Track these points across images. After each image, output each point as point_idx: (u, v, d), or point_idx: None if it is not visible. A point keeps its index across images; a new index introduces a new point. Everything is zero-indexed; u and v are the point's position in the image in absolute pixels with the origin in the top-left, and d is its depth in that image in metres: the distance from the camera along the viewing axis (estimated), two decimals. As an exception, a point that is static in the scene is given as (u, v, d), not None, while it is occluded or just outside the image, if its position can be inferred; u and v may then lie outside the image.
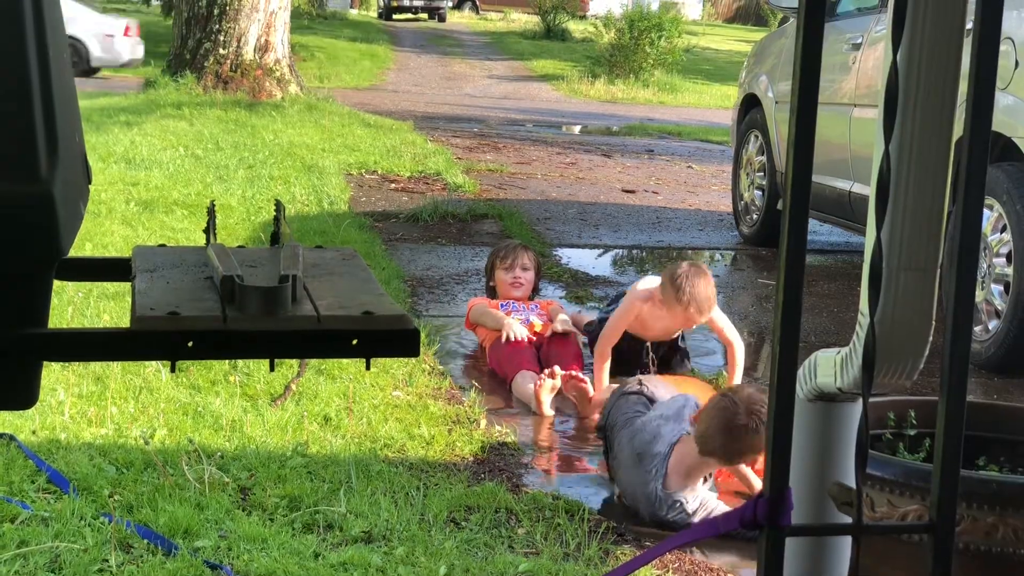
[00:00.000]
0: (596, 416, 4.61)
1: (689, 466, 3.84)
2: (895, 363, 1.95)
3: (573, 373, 4.95)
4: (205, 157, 10.51)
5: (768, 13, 48.17)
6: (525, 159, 12.90)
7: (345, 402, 4.60)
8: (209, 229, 1.90)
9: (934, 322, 1.95)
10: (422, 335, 5.51)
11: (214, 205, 1.98)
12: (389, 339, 1.56)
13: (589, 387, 4.92)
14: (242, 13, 15.39)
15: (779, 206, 8.25)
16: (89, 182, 1.79)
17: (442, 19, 47.08)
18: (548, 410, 4.89)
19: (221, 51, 15.44)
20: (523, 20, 44.01)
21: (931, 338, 1.95)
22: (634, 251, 8.51)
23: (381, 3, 49.51)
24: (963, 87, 1.87)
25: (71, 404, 4.27)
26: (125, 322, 4.36)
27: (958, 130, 1.90)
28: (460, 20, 48.94)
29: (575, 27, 38.63)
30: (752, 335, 6.29)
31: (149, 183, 8.97)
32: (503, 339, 5.34)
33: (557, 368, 4.94)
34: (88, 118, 11.45)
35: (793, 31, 8.32)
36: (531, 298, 5.84)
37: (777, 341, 1.81)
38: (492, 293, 5.86)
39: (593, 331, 5.46)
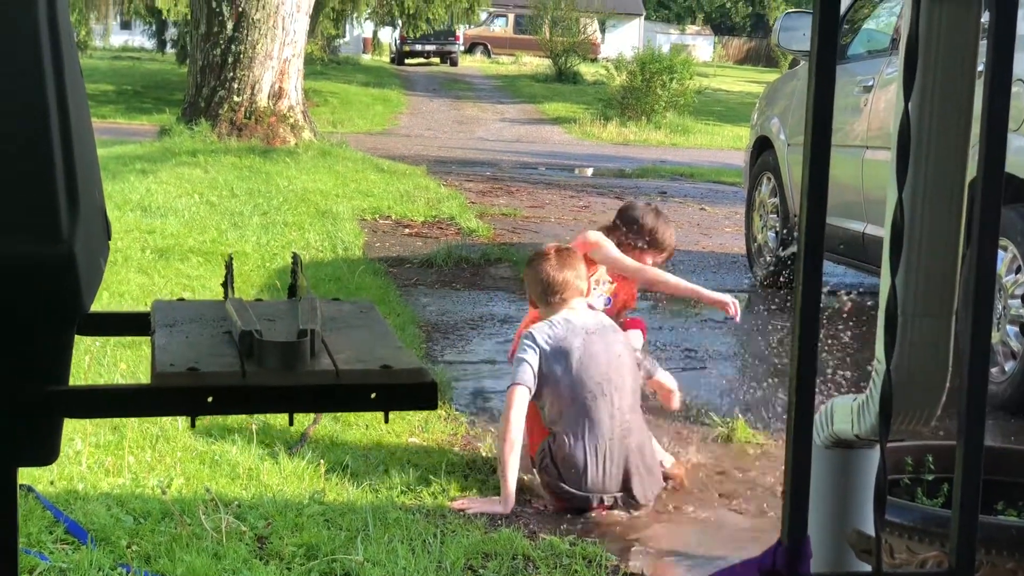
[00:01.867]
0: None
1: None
2: (912, 410, 1.96)
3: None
4: (220, 204, 10.56)
5: (779, 55, 48.31)
6: (538, 202, 12.93)
7: (361, 449, 4.61)
8: (227, 283, 1.91)
9: (951, 368, 1.96)
10: (439, 379, 5.52)
11: (231, 259, 1.99)
12: (407, 392, 1.57)
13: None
14: (256, 61, 15.50)
15: (793, 248, 8.26)
16: (109, 238, 1.80)
17: (454, 63, 47.31)
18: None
19: (235, 98, 15.54)
20: (535, 63, 44.19)
21: (948, 384, 1.95)
22: (647, 294, 8.51)
23: (393, 48, 49.78)
24: (975, 129, 1.89)
25: (88, 454, 4.28)
26: (142, 370, 4.39)
27: (971, 172, 1.91)
28: (472, 64, 49.15)
29: (586, 70, 38.79)
30: (769, 377, 6.28)
31: (165, 231, 9.01)
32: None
33: None
34: (104, 166, 11.51)
35: (804, 74, 8.34)
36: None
37: (793, 390, 1.81)
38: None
39: None
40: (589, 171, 17.90)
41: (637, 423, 4.42)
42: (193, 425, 1.60)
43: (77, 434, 4.43)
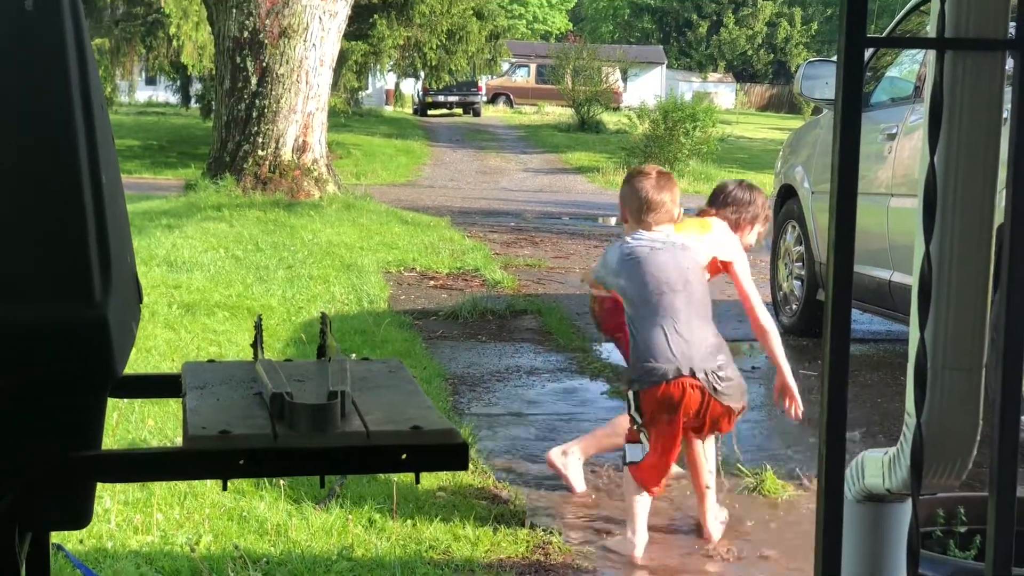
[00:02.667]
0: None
1: None
2: (943, 463, 1.95)
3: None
4: (245, 258, 10.60)
5: (801, 101, 48.41)
6: (563, 253, 12.94)
7: (389, 503, 4.60)
8: (256, 343, 1.93)
9: (981, 422, 1.95)
10: (465, 433, 5.52)
11: (260, 320, 2.00)
12: (438, 453, 1.58)
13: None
14: (280, 115, 15.61)
15: (819, 296, 8.24)
16: (140, 301, 1.82)
17: (477, 113, 47.54)
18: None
19: (260, 152, 15.64)
20: (557, 113, 44.37)
21: (979, 438, 1.94)
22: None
23: (416, 99, 50.06)
24: (1001, 174, 1.89)
25: (117, 511, 4.28)
26: (170, 427, 4.40)
27: (998, 218, 1.90)
28: (495, 114, 49.38)
29: (609, 119, 38.90)
30: (796, 426, 6.25)
31: (191, 285, 9.05)
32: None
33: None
34: (131, 222, 11.58)
35: (827, 122, 8.35)
36: None
37: (823, 443, 1.81)
38: None
39: None
40: (613, 220, 17.91)
41: (717, 336, 4.54)
42: (224, 488, 1.61)
43: (106, 491, 4.44)
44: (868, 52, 7.67)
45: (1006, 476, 1.88)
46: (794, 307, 8.66)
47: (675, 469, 4.85)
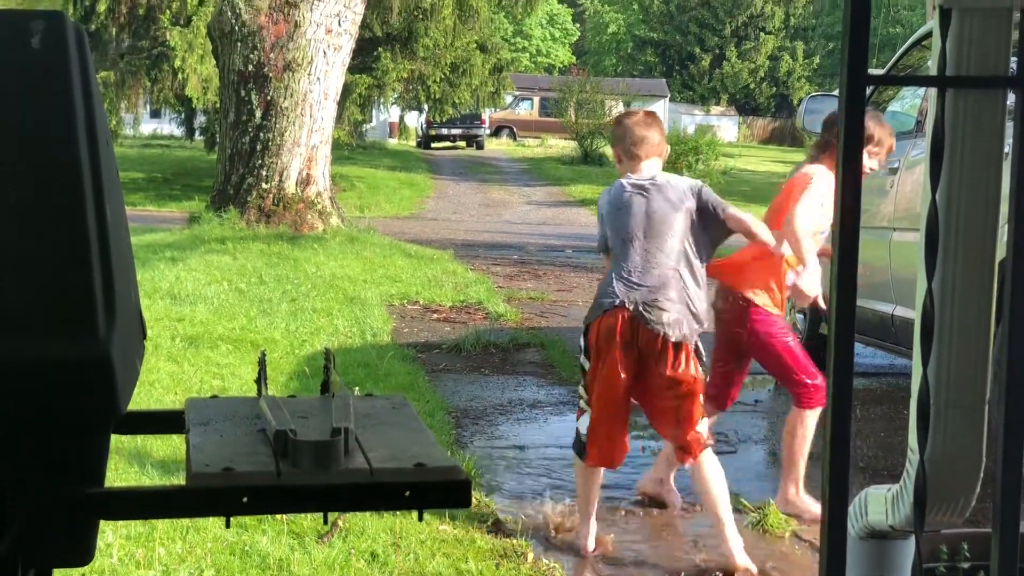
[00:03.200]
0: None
1: None
2: (947, 500, 1.94)
3: None
4: (249, 291, 10.61)
5: (804, 135, 48.50)
6: (566, 286, 12.95)
7: (392, 537, 4.59)
8: (260, 379, 1.93)
9: (984, 459, 1.95)
10: (468, 467, 5.51)
11: (264, 356, 2.00)
12: (441, 490, 1.58)
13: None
14: (284, 148, 15.65)
15: (822, 330, 8.24)
16: (144, 337, 1.82)
17: (480, 147, 47.63)
18: None
19: (264, 185, 15.68)
20: (560, 145, 44.45)
21: (982, 475, 1.94)
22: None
23: (420, 132, 50.18)
24: (1003, 209, 1.89)
25: (119, 546, 4.27)
26: (172, 461, 4.39)
27: (1000, 252, 1.91)
28: (498, 147, 49.48)
29: (612, 152, 38.92)
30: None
31: (194, 318, 9.06)
32: None
33: None
34: (134, 255, 11.61)
35: (830, 156, 8.37)
36: None
37: (827, 479, 1.81)
38: None
39: None
40: (616, 253, 17.89)
41: (663, 280, 4.67)
42: (228, 525, 1.61)
43: (108, 526, 4.43)
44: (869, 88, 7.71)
45: (1009, 512, 1.88)
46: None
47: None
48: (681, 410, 4.64)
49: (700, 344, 4.77)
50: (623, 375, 4.65)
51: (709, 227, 4.80)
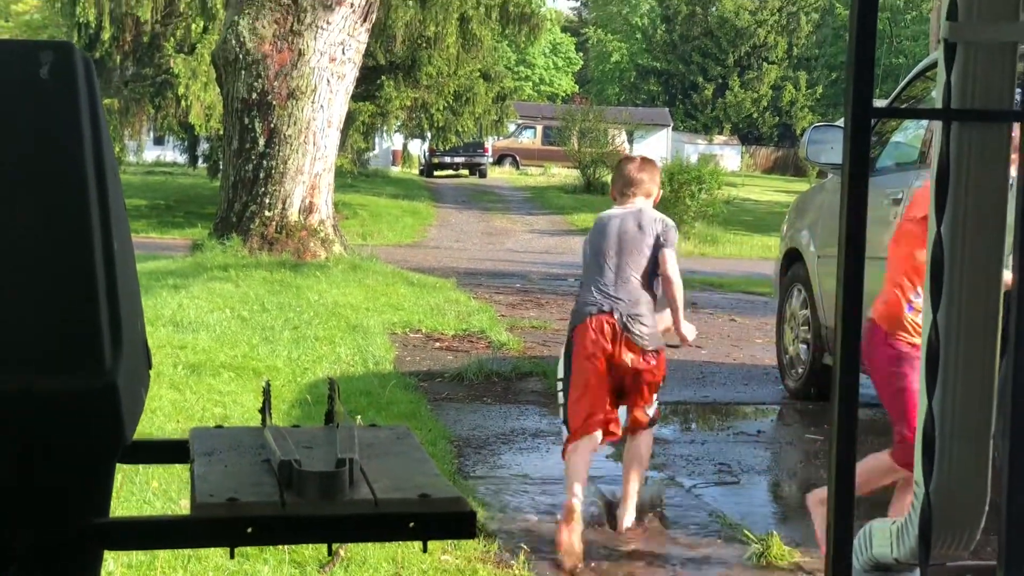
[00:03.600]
0: None
1: None
2: (952, 533, 1.94)
3: None
4: (251, 319, 10.61)
5: (807, 164, 48.58)
6: (568, 315, 12.92)
7: (394, 567, 4.58)
8: (265, 409, 1.93)
9: (990, 491, 1.94)
10: (470, 496, 5.50)
11: (269, 386, 2.00)
12: (446, 522, 1.57)
13: None
14: (287, 176, 15.68)
15: (825, 360, 8.23)
16: (150, 367, 1.82)
17: (483, 175, 47.72)
18: None
19: (267, 213, 15.70)
20: (563, 174, 44.53)
21: (988, 508, 1.94)
22: (679, 407, 8.49)
23: (422, 160, 50.30)
24: (1008, 238, 1.89)
25: (120, 574, 4.26)
26: (174, 488, 4.39)
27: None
28: (501, 175, 49.57)
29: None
30: (802, 490, 6.24)
31: (196, 346, 9.06)
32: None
33: None
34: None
35: (832, 186, 8.38)
36: None
37: (832, 510, 1.80)
38: None
39: None
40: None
41: (635, 296, 5.38)
42: (232, 556, 1.60)
43: (110, 555, 4.42)
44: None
45: (1015, 545, 1.87)
46: (800, 371, 8.66)
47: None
48: (644, 394, 5.46)
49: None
50: (602, 362, 5.35)
51: (654, 255, 5.44)
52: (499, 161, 53.78)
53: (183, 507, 5.06)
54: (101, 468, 1.53)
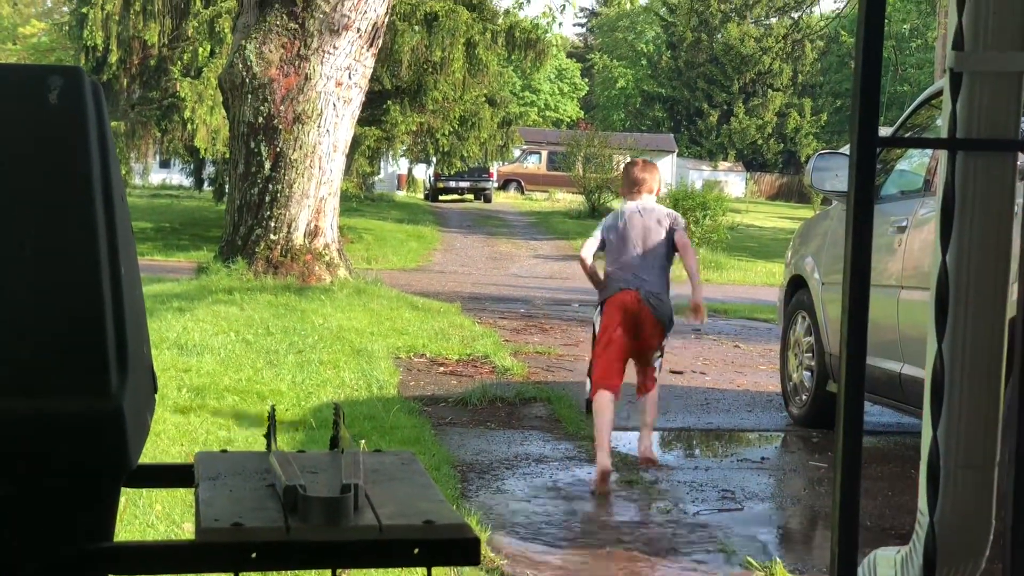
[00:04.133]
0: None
1: None
2: (957, 563, 1.94)
3: None
4: (256, 342, 10.62)
5: (811, 191, 48.62)
6: (572, 340, 12.95)
7: (397, 593, 4.57)
8: (270, 434, 1.93)
9: (995, 521, 1.94)
10: (473, 521, 5.49)
11: (274, 411, 2.01)
12: (450, 548, 1.58)
13: None
14: (293, 200, 15.70)
15: (829, 387, 8.23)
16: (155, 392, 1.82)
17: (488, 200, 47.82)
18: None
19: (272, 237, 15.72)
20: (568, 199, 44.63)
21: (992, 537, 1.94)
22: (683, 434, 8.48)
23: (427, 184, 50.41)
24: (1013, 266, 1.89)
25: (123, 597, 4.25)
26: (177, 512, 4.38)
27: (1010, 311, 1.91)
28: (506, 200, 49.66)
29: (620, 206, 39.04)
30: (806, 518, 6.23)
31: (201, 369, 9.06)
32: None
33: None
34: (141, 305, 11.57)
35: (837, 213, 8.39)
36: None
37: (835, 542, 1.80)
38: None
39: None
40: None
41: (656, 278, 6.98)
42: (236, 581, 1.60)
43: (112, 577, 4.41)
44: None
45: (1020, 574, 1.87)
46: (804, 398, 8.65)
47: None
48: (653, 357, 7.11)
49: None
50: (623, 331, 6.89)
51: (669, 243, 7.02)
52: (504, 186, 53.92)
53: (186, 531, 5.06)
54: (106, 492, 1.54)
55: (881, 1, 1.65)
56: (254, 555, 1.51)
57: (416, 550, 1.56)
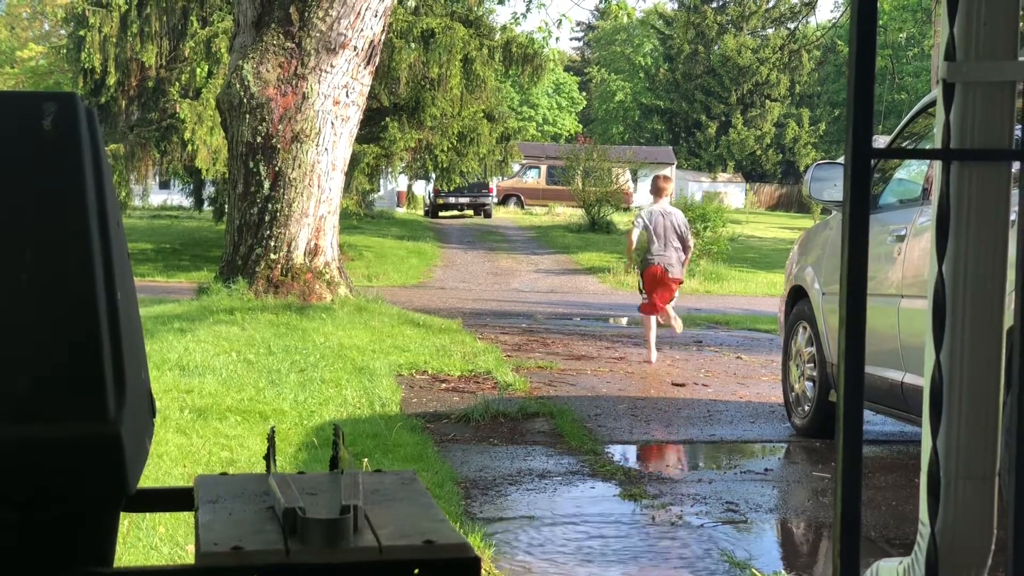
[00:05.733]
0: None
1: None
2: (958, 573, 1.93)
3: None
4: (257, 362, 10.61)
5: (811, 201, 48.58)
6: (574, 354, 12.95)
7: (401, 611, 4.55)
8: (269, 456, 1.93)
9: (996, 529, 1.94)
10: (477, 538, 5.49)
11: (274, 432, 2.01)
12: (451, 568, 1.57)
13: None
14: (292, 219, 15.71)
15: (831, 397, 8.22)
16: (154, 416, 1.82)
17: (488, 215, 47.84)
18: None
19: (272, 256, 15.72)
20: (568, 214, 44.65)
21: (994, 547, 1.93)
22: (686, 446, 8.47)
23: (427, 201, 50.43)
24: (1009, 275, 1.89)
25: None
26: (180, 534, 4.37)
27: (1007, 320, 1.91)
28: (505, 215, 49.67)
29: (619, 219, 39.10)
30: (810, 529, 6.22)
31: (203, 390, 9.05)
32: None
33: None
34: (143, 326, 11.58)
35: (836, 223, 8.39)
36: None
37: (837, 554, 1.80)
38: None
39: None
40: (624, 320, 17.94)
41: (677, 258, 12.62)
42: (237, 605, 1.60)
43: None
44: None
45: (1023, 582, 1.87)
46: (806, 408, 8.64)
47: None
48: (670, 294, 12.62)
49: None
50: (656, 287, 12.49)
51: (680, 237, 12.52)
52: (504, 201, 53.96)
53: (190, 552, 5.05)
54: (104, 518, 1.54)
55: (873, 14, 1.66)
56: (254, 578, 1.51)
57: (416, 570, 1.56)
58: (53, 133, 1.53)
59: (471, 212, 48.23)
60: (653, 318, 12.70)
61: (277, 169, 15.67)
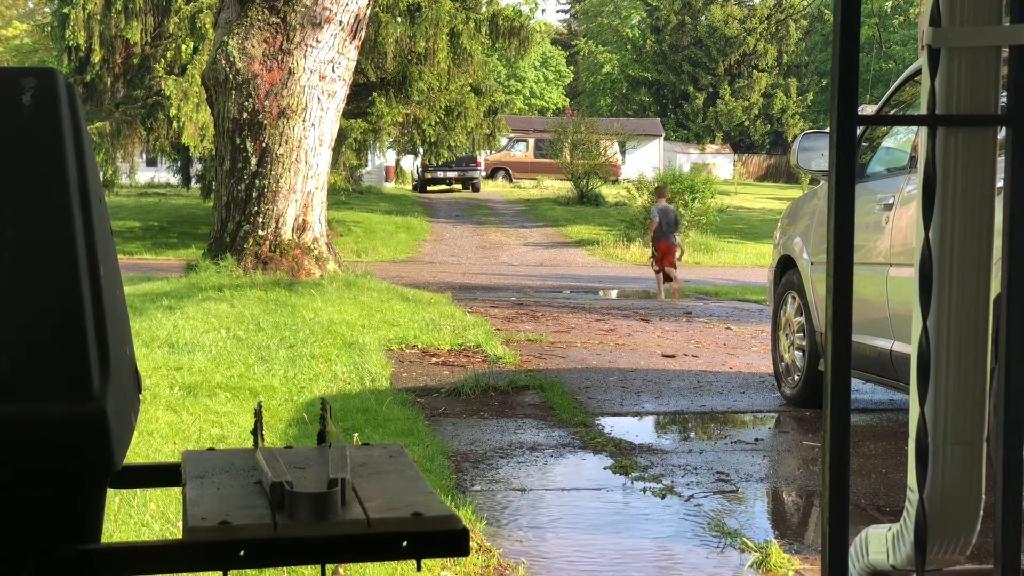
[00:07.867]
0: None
1: None
2: (947, 538, 1.94)
3: None
4: (247, 338, 10.60)
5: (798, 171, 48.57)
6: (564, 327, 12.95)
7: (393, 585, 4.56)
8: (256, 431, 1.93)
9: (984, 495, 1.94)
10: (469, 511, 5.49)
11: (260, 407, 2.00)
12: (439, 540, 1.57)
13: None
14: (280, 195, 15.68)
15: (821, 367, 8.23)
16: (139, 392, 1.82)
17: (476, 189, 47.79)
18: None
19: (260, 232, 15.70)
20: (556, 187, 44.62)
21: (982, 512, 1.94)
22: (677, 417, 8.48)
23: (415, 175, 50.35)
24: (997, 243, 1.89)
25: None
26: (172, 510, 4.37)
27: (995, 289, 1.91)
28: (494, 189, 49.62)
29: (608, 191, 39.08)
30: (800, 497, 6.24)
31: (192, 367, 9.04)
32: None
33: None
34: (131, 304, 11.57)
35: (824, 193, 8.39)
36: None
37: (826, 521, 1.80)
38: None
39: None
40: (613, 293, 17.95)
41: (672, 235, 18.99)
42: (225, 578, 1.60)
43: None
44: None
45: (1010, 549, 1.87)
46: (796, 378, 8.66)
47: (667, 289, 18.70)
48: (672, 256, 18.48)
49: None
50: (663, 256, 18.40)
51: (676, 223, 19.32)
52: (492, 175, 53.89)
53: (181, 529, 5.04)
54: (91, 494, 1.53)
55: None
56: (242, 553, 1.50)
57: (405, 543, 1.56)
58: (33, 109, 1.52)
59: (459, 186, 48.18)
60: (662, 277, 18.59)
61: (264, 145, 15.63)
